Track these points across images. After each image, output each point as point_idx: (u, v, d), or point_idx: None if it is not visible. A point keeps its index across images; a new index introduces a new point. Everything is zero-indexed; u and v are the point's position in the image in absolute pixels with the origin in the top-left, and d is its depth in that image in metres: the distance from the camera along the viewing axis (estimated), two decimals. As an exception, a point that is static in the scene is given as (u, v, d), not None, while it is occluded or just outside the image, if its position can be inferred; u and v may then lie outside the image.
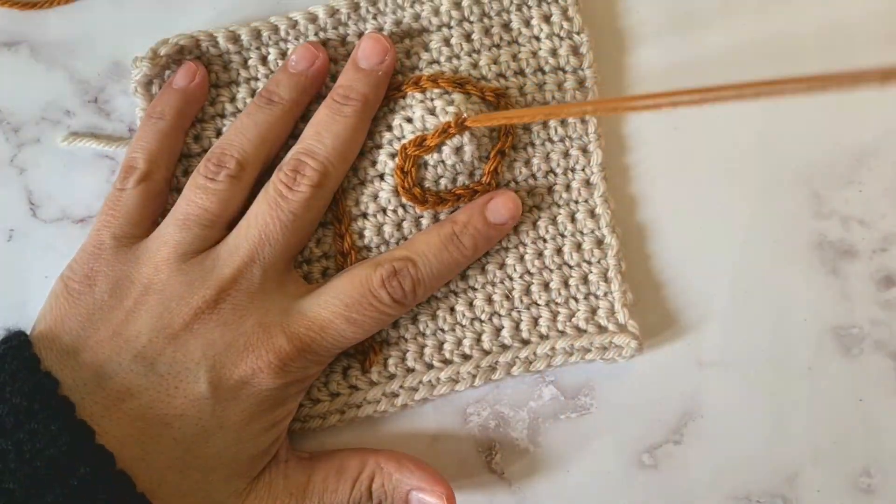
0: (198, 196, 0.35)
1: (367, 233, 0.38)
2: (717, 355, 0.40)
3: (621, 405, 0.39)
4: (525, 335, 0.38)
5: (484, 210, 0.37)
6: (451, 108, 0.38)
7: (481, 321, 0.38)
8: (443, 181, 0.38)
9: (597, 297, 0.38)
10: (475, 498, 0.39)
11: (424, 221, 0.38)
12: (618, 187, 0.40)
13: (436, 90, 0.38)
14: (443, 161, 0.38)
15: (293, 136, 0.38)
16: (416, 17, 0.39)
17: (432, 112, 0.38)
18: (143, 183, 0.36)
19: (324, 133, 0.36)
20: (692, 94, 0.27)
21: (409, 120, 0.38)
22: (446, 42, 0.39)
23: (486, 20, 0.39)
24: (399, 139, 0.38)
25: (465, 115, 0.37)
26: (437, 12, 0.39)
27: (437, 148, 0.38)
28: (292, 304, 0.35)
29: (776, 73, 0.40)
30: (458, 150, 0.38)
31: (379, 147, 0.38)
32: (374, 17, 0.39)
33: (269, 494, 0.35)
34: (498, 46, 0.39)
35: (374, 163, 0.38)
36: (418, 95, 0.38)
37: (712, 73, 0.41)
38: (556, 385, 0.39)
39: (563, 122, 0.39)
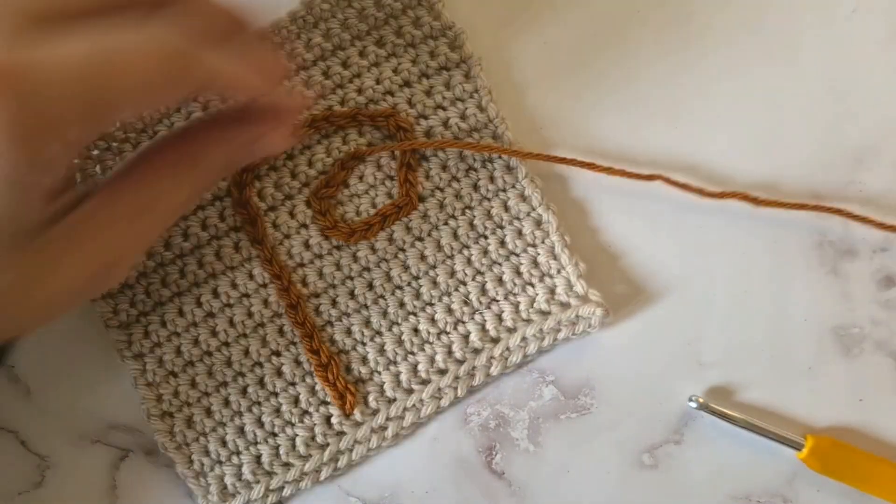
0: None
1: (309, 279, 0.38)
2: (717, 355, 0.39)
3: (621, 405, 0.39)
4: (493, 334, 0.38)
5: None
6: (344, 147, 0.39)
7: (447, 333, 0.38)
8: (363, 208, 0.39)
9: (551, 276, 0.38)
10: (475, 498, 0.39)
11: (360, 253, 0.38)
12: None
13: (331, 128, 0.39)
14: (356, 194, 0.39)
15: None
16: (291, 56, 0.39)
17: (329, 153, 0.39)
18: None
19: None
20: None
21: (311, 164, 0.39)
22: (325, 75, 0.39)
23: (357, 43, 0.39)
24: (306, 185, 0.39)
25: (356, 147, 0.38)
26: (309, 47, 0.39)
27: (344, 183, 0.39)
28: None
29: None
30: (362, 178, 0.39)
31: (291, 197, 0.39)
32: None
33: None
34: (377, 65, 0.39)
35: (292, 214, 0.39)
36: (315, 136, 0.39)
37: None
38: (556, 385, 0.39)
39: (463, 118, 0.38)
